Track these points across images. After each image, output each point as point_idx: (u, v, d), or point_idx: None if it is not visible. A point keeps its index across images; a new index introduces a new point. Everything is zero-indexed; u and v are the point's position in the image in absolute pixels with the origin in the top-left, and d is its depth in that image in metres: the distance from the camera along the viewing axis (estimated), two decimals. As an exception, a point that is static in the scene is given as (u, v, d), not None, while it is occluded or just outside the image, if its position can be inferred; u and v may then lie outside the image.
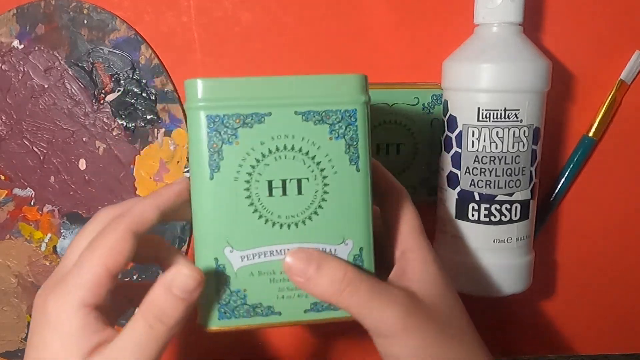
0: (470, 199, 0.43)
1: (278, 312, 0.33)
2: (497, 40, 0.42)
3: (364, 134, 0.33)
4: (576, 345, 0.54)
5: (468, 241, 0.44)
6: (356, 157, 0.33)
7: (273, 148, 0.32)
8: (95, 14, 0.45)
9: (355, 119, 0.33)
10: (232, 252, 0.32)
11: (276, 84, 0.32)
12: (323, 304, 0.33)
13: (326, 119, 0.32)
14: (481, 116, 0.41)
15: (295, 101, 0.32)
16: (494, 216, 0.43)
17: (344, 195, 0.33)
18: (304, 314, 0.33)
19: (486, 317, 0.53)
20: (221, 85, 0.31)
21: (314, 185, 0.32)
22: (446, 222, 0.45)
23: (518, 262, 0.44)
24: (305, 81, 0.32)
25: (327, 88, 0.32)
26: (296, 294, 0.33)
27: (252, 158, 0.32)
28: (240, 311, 0.33)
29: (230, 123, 0.32)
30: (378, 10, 0.46)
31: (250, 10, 0.45)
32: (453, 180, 0.43)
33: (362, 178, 0.33)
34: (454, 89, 0.43)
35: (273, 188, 0.32)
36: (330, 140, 0.32)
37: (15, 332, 0.49)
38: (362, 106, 0.33)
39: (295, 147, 0.32)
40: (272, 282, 0.33)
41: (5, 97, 0.46)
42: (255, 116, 0.32)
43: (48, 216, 0.48)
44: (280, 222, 0.32)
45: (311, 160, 0.32)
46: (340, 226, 0.33)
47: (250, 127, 0.32)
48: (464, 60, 0.42)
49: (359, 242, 0.33)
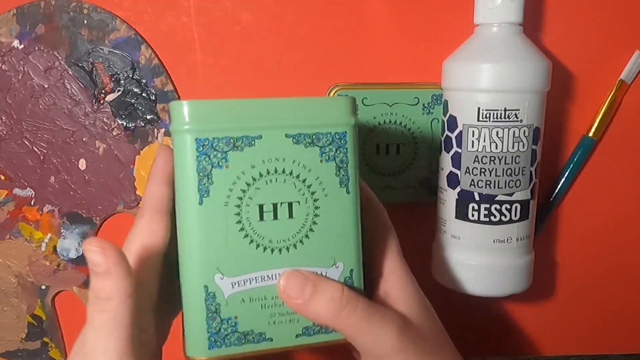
0: (470, 199, 0.43)
1: (270, 338, 0.32)
2: (497, 40, 0.42)
3: (353, 155, 0.33)
4: (576, 345, 0.54)
5: (468, 241, 0.44)
6: (346, 179, 0.33)
7: (264, 171, 0.32)
8: (95, 14, 0.45)
9: (345, 142, 0.33)
10: (223, 279, 0.31)
11: (266, 106, 0.31)
12: (315, 327, 0.33)
13: (317, 142, 0.32)
14: (481, 116, 0.41)
15: (286, 123, 0.32)
16: (494, 216, 0.43)
17: (334, 217, 0.33)
18: (295, 338, 0.33)
19: (486, 317, 0.53)
20: (209, 108, 0.31)
21: (305, 208, 0.32)
22: (446, 222, 0.45)
23: (518, 262, 0.44)
24: (295, 103, 0.32)
25: (318, 110, 0.32)
26: (288, 319, 0.33)
27: (243, 182, 0.31)
28: (232, 339, 0.32)
29: (220, 146, 0.31)
30: (378, 10, 0.46)
31: (250, 10, 0.45)
32: (453, 180, 0.43)
33: (352, 200, 0.33)
34: (454, 89, 0.43)
35: (264, 212, 0.32)
36: (321, 163, 0.32)
37: (15, 332, 0.49)
38: (351, 128, 0.33)
39: (286, 170, 0.32)
40: (263, 307, 0.32)
41: (5, 97, 0.46)
42: (246, 139, 0.31)
43: (48, 216, 0.48)
44: (272, 247, 0.32)
45: (302, 184, 0.32)
46: (331, 249, 0.33)
47: (240, 150, 0.31)
48: (464, 61, 0.42)
49: (349, 264, 0.33)
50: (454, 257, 0.44)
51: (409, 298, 0.35)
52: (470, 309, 0.52)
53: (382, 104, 0.46)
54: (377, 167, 0.47)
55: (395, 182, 0.48)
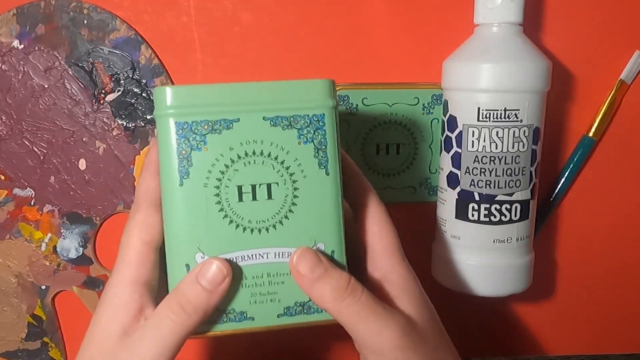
0: (470, 199, 0.43)
1: (251, 317, 0.33)
2: (497, 40, 0.42)
3: (332, 137, 0.33)
4: (576, 345, 0.54)
5: (468, 241, 0.44)
6: (325, 160, 0.33)
7: (242, 153, 0.32)
8: (95, 14, 0.45)
9: (324, 124, 0.33)
10: (204, 257, 0.32)
11: (244, 90, 0.32)
12: (296, 308, 0.33)
13: (294, 124, 0.33)
14: (481, 116, 0.41)
15: (263, 107, 0.32)
16: (494, 216, 0.43)
17: (314, 199, 0.33)
18: (277, 318, 0.33)
19: (486, 317, 0.53)
20: (189, 92, 0.32)
21: (284, 189, 0.33)
22: (446, 222, 0.45)
23: (518, 262, 0.44)
24: (273, 87, 0.32)
25: (295, 93, 0.33)
26: (269, 299, 0.33)
27: (221, 164, 0.32)
28: (213, 317, 0.32)
29: (198, 129, 0.32)
30: (378, 10, 0.46)
31: (250, 10, 0.45)
32: (453, 180, 0.43)
33: (331, 181, 0.33)
34: (454, 89, 0.43)
35: (243, 193, 0.32)
36: (299, 145, 0.33)
37: (15, 332, 0.49)
38: (330, 110, 0.33)
39: (264, 152, 0.32)
40: (244, 287, 0.33)
41: (5, 97, 0.46)
42: (224, 122, 0.32)
43: (48, 216, 0.48)
44: (251, 227, 0.32)
45: (280, 165, 0.33)
46: (311, 230, 0.33)
47: (218, 133, 0.32)
48: (464, 60, 0.42)
49: (330, 245, 0.33)
50: (454, 257, 0.44)
51: (412, 298, 0.35)
52: (470, 309, 0.52)
53: (382, 104, 0.46)
54: (377, 167, 0.47)
55: (395, 182, 0.48)
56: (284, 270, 0.33)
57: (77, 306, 0.50)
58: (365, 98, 0.46)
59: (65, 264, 0.49)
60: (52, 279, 0.49)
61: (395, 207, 0.50)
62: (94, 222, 0.48)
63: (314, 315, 0.34)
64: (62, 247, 0.48)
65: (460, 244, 0.44)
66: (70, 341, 0.51)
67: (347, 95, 0.46)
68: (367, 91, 0.46)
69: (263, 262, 0.33)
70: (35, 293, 0.49)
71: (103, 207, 0.48)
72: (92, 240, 0.48)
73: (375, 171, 0.47)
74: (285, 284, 0.33)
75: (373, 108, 0.46)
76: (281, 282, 0.33)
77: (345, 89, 0.45)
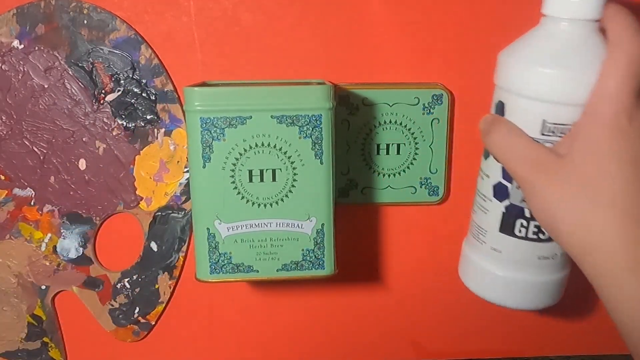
0: (519, 214, 0.40)
1: (256, 270, 0.42)
2: (573, 40, 0.36)
3: (328, 134, 0.40)
4: (576, 345, 0.54)
5: (510, 255, 0.41)
6: (320, 153, 0.40)
7: (253, 144, 0.40)
8: (95, 14, 0.45)
9: (321, 122, 0.40)
10: (221, 224, 0.41)
11: (256, 93, 0.39)
12: (291, 265, 0.42)
13: (296, 122, 0.39)
14: (546, 130, 0.36)
15: (272, 107, 0.39)
16: (543, 234, 0.40)
17: (309, 182, 0.40)
18: (276, 272, 0.42)
19: (487, 317, 0.53)
20: (213, 93, 0.39)
21: (286, 174, 0.40)
22: (486, 233, 0.42)
23: (557, 276, 0.41)
24: (280, 91, 0.39)
25: (298, 96, 0.39)
26: (270, 257, 0.41)
27: (237, 152, 0.40)
28: (227, 268, 0.41)
29: (219, 124, 0.39)
30: (378, 10, 0.46)
31: (250, 10, 0.45)
32: (501, 192, 0.40)
33: (325, 169, 0.40)
34: (515, 93, 0.37)
35: (253, 176, 0.40)
36: (300, 139, 0.40)
37: (15, 332, 0.49)
38: (326, 112, 0.40)
39: (271, 144, 0.40)
40: (251, 247, 0.41)
41: (5, 97, 0.46)
42: (239, 119, 0.39)
43: (48, 216, 0.48)
44: (258, 202, 0.40)
45: (283, 155, 0.40)
46: (306, 206, 0.41)
47: (235, 127, 0.39)
48: (531, 62, 0.36)
49: (321, 219, 0.41)
50: (491, 269, 0.42)
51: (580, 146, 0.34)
52: (471, 309, 0.52)
53: (383, 103, 0.46)
54: (378, 167, 0.47)
55: (396, 182, 0.48)
56: (283, 236, 0.41)
57: (77, 306, 0.50)
58: (365, 98, 0.46)
59: (65, 264, 0.49)
60: (52, 279, 0.49)
61: (396, 207, 0.50)
62: (93, 222, 0.48)
63: (305, 272, 0.42)
64: (62, 247, 0.48)
65: (500, 257, 0.41)
66: (70, 341, 0.51)
67: (347, 95, 0.46)
68: (367, 91, 0.46)
69: (267, 230, 0.41)
70: (35, 293, 0.49)
71: (103, 207, 0.48)
72: (92, 240, 0.48)
73: (375, 171, 0.47)
74: (284, 247, 0.41)
75: (373, 108, 0.46)
76: (280, 246, 0.41)
77: (346, 89, 0.45)
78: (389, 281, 0.52)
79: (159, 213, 0.48)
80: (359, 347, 0.53)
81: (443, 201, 0.49)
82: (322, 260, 0.42)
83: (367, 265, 0.51)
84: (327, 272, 0.42)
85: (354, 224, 0.50)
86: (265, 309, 0.52)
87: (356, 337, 0.53)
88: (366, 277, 0.51)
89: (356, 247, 0.50)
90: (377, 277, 0.51)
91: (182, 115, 0.46)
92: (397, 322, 0.53)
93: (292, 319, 0.52)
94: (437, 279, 0.51)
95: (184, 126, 0.46)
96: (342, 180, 0.48)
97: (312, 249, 0.41)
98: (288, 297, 0.52)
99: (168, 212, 0.48)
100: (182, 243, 0.49)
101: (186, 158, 0.47)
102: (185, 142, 0.47)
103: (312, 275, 0.42)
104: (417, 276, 0.52)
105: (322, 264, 0.42)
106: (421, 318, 0.53)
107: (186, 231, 0.48)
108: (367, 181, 0.48)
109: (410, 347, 0.54)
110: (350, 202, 0.48)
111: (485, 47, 0.46)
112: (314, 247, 0.41)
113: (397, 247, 0.51)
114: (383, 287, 0.52)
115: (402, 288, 0.52)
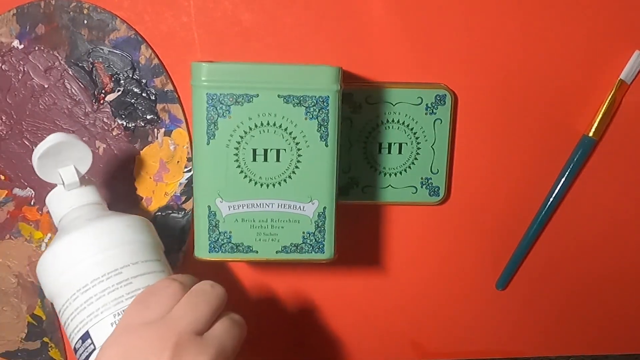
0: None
1: (255, 251, 0.41)
2: None
3: (334, 116, 0.39)
4: (576, 345, 0.54)
5: None
6: (326, 135, 0.39)
7: (258, 123, 0.39)
8: (95, 14, 0.45)
9: (327, 104, 0.39)
10: (222, 202, 0.40)
11: (265, 70, 0.38)
12: (291, 247, 0.41)
13: (303, 102, 0.39)
14: None
15: (279, 86, 0.38)
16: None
17: (313, 165, 0.40)
18: (275, 254, 0.41)
19: (486, 317, 0.53)
20: (220, 69, 0.38)
21: (290, 155, 0.40)
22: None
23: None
24: (288, 69, 0.39)
25: (306, 77, 0.39)
26: (270, 239, 0.41)
27: (241, 130, 0.39)
28: (226, 247, 0.41)
29: (225, 100, 0.38)
30: (380, 9, 0.46)
31: (250, 10, 0.45)
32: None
33: (329, 152, 0.40)
34: None
35: (257, 155, 0.39)
36: (306, 120, 0.39)
37: (15, 332, 0.49)
38: (334, 94, 0.39)
39: (276, 124, 0.39)
40: (251, 227, 0.41)
41: (5, 97, 0.45)
42: (246, 96, 0.38)
43: (48, 216, 0.47)
44: (261, 182, 0.40)
45: (289, 135, 0.39)
46: (309, 188, 0.40)
47: (241, 105, 0.39)
48: None
49: (323, 202, 0.41)
50: None
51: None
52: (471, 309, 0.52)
53: (385, 103, 0.46)
54: (379, 167, 0.47)
55: (397, 181, 0.48)
56: (284, 218, 0.41)
57: (77, 306, 0.49)
58: (368, 97, 0.46)
59: (65, 264, 0.48)
60: (52, 279, 0.49)
61: (396, 207, 0.50)
62: (94, 222, 0.48)
63: (304, 255, 0.41)
64: (62, 247, 0.48)
65: None
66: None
67: (350, 93, 0.46)
68: (370, 90, 0.46)
69: (268, 210, 0.40)
70: (35, 293, 0.49)
71: (103, 207, 0.48)
72: (92, 240, 0.48)
73: (377, 170, 0.47)
74: (284, 229, 0.41)
75: (376, 107, 0.46)
76: (281, 227, 0.41)
77: (348, 88, 0.45)
78: (389, 281, 0.52)
79: (159, 213, 0.48)
80: (358, 347, 0.53)
81: (443, 202, 0.49)
82: (322, 244, 0.41)
83: (367, 265, 0.51)
84: (327, 256, 0.42)
85: (354, 222, 0.50)
86: (265, 308, 0.52)
87: (356, 337, 0.53)
88: (366, 277, 0.51)
89: (356, 246, 0.50)
90: (377, 277, 0.51)
91: (183, 115, 0.46)
92: (397, 322, 0.53)
93: (291, 319, 0.52)
94: (437, 279, 0.51)
95: (184, 126, 0.46)
96: (344, 179, 0.48)
97: (312, 232, 0.41)
98: (288, 297, 0.52)
99: (168, 212, 0.48)
100: (182, 243, 0.49)
101: (186, 158, 0.47)
102: (185, 142, 0.47)
103: (311, 259, 0.42)
104: (417, 276, 0.52)
105: (322, 247, 0.41)
106: (421, 318, 0.53)
107: (186, 231, 0.48)
108: (368, 180, 0.48)
109: (410, 347, 0.54)
110: (351, 200, 0.48)
111: (489, 48, 0.46)
112: (314, 230, 0.41)
113: (397, 247, 0.51)
114: (383, 287, 0.52)
115: (401, 288, 0.52)
